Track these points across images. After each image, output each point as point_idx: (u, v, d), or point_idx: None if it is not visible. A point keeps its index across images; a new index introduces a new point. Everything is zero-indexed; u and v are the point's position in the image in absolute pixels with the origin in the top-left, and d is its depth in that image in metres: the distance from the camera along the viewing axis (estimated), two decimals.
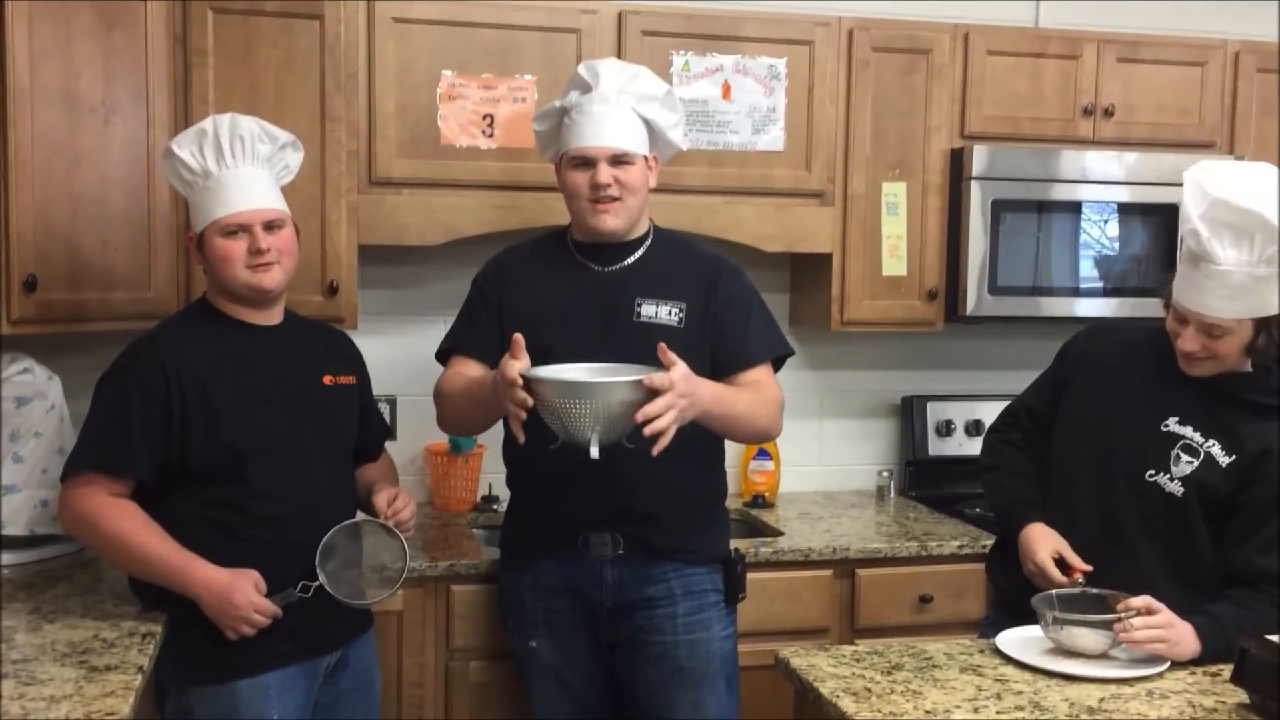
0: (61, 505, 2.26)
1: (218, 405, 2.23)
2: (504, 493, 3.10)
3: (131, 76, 2.67)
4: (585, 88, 2.44)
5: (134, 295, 2.70)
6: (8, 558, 2.62)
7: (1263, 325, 2.11)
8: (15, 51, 2.44)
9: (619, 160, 2.39)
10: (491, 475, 3.24)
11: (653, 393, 2.08)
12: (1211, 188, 2.07)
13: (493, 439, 2.71)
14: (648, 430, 2.07)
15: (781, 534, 3.11)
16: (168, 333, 2.34)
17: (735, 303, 2.49)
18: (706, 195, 3.13)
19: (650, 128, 2.46)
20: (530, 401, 2.10)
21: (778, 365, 2.55)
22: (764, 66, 3.14)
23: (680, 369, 2.13)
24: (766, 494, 3.45)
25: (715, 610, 2.49)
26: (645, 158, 2.45)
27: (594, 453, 2.08)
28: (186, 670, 2.23)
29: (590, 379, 2.14)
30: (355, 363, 2.51)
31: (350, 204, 2.91)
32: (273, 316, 2.36)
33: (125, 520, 2.19)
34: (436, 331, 3.17)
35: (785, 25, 3.16)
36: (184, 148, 2.29)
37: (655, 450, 2.11)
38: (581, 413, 2.07)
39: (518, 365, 2.12)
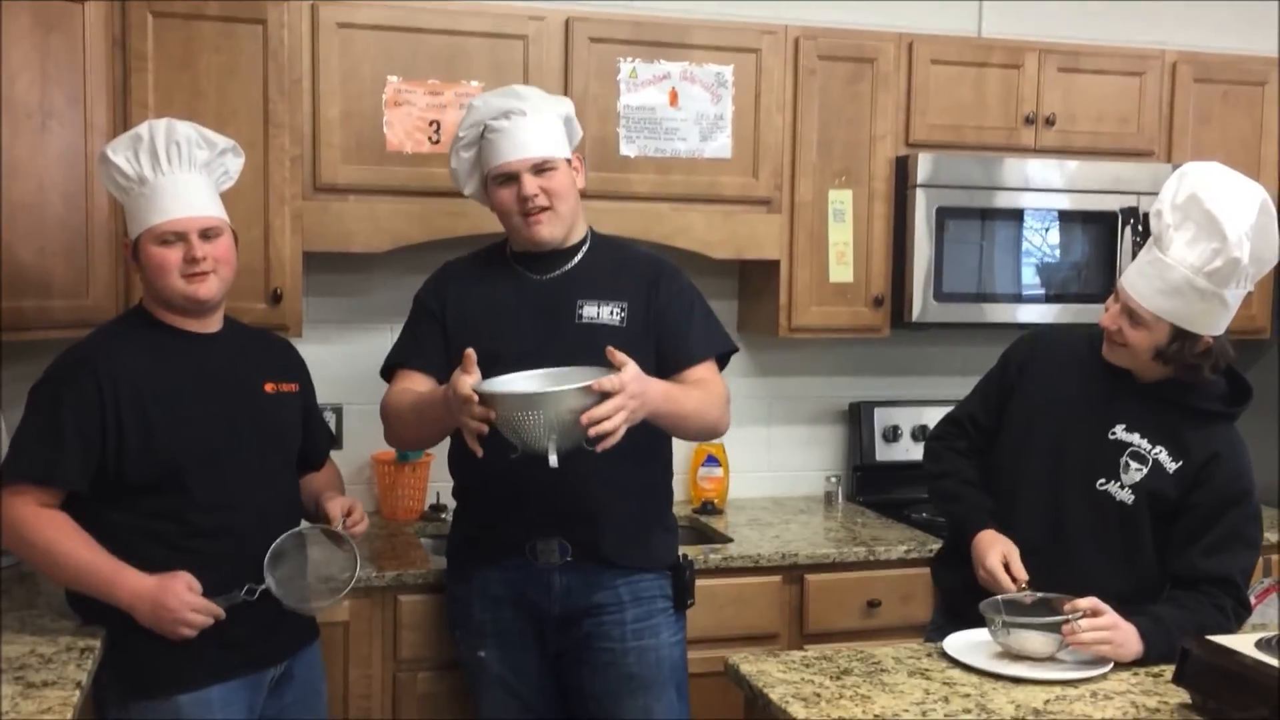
0: None
1: (154, 415, 2.19)
2: (452, 502, 3.07)
3: (69, 81, 2.62)
4: (494, 113, 2.42)
5: (72, 303, 2.65)
6: None
7: (1179, 335, 2.13)
8: None
9: (541, 169, 2.39)
10: (439, 484, 3.22)
11: (604, 395, 2.07)
12: (1194, 182, 2.08)
13: (440, 448, 2.69)
14: (594, 431, 2.06)
15: (730, 540, 3.11)
16: (102, 340, 2.29)
17: (677, 301, 2.49)
18: (654, 202, 3.13)
19: (565, 124, 2.47)
20: (491, 415, 2.08)
21: (723, 362, 2.55)
22: (711, 74, 3.15)
23: (631, 369, 2.12)
24: (715, 500, 3.45)
25: (664, 617, 2.49)
26: (568, 160, 2.44)
27: (552, 461, 2.06)
28: (127, 684, 2.19)
29: (541, 389, 2.12)
30: (298, 370, 2.47)
31: (294, 210, 2.88)
32: (211, 324, 2.32)
33: (52, 530, 2.14)
34: (383, 339, 3.14)
35: (732, 33, 3.17)
36: (119, 153, 2.24)
37: (601, 448, 2.09)
38: (536, 423, 2.05)
39: (470, 380, 2.10)
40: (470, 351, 2.13)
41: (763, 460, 3.67)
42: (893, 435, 3.65)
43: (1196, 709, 1.90)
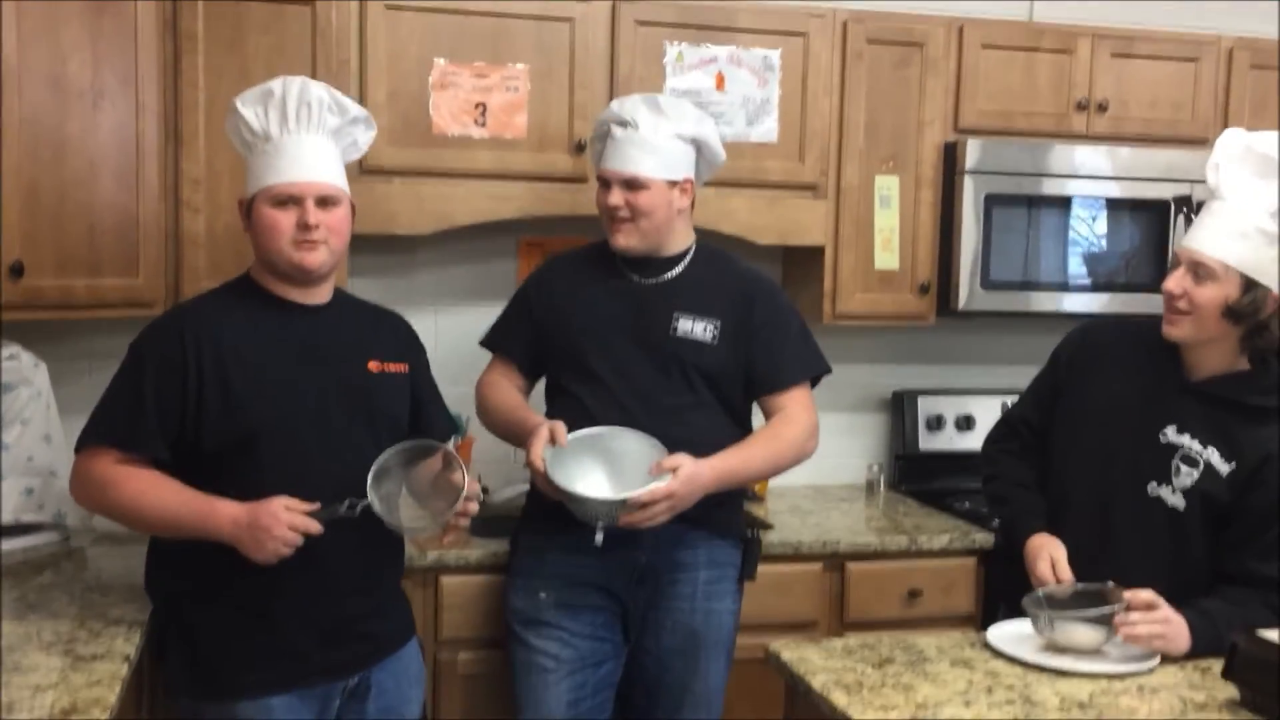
0: (73, 478, 2.16)
1: (235, 381, 2.10)
2: (492, 484, 3.08)
3: (120, 61, 2.64)
4: (615, 118, 2.53)
5: (122, 282, 2.67)
6: None
7: (1250, 287, 2.08)
8: (4, 34, 2.40)
9: (631, 185, 2.49)
10: (480, 466, 3.22)
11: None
12: (1244, 136, 2.12)
13: (480, 429, 2.70)
14: (627, 521, 2.31)
15: (771, 527, 3.10)
16: (199, 304, 2.24)
17: (772, 323, 2.57)
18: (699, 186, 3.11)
19: (699, 147, 2.56)
20: (555, 496, 2.32)
21: (814, 382, 2.63)
22: (758, 58, 3.13)
23: (682, 475, 2.30)
24: (756, 487, 3.43)
25: (730, 584, 2.58)
26: (670, 183, 2.51)
27: (598, 539, 2.30)
28: (195, 683, 2.13)
29: (589, 494, 2.32)
30: (410, 350, 2.37)
31: None
32: (318, 295, 2.22)
33: (136, 481, 2.07)
34: (427, 321, 3.15)
35: (779, 17, 3.15)
36: (248, 106, 2.17)
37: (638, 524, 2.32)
38: (587, 513, 2.32)
39: (542, 454, 2.31)
40: (560, 428, 2.35)
41: None
42: (936, 424, 3.62)
43: (1245, 704, 1.87)
